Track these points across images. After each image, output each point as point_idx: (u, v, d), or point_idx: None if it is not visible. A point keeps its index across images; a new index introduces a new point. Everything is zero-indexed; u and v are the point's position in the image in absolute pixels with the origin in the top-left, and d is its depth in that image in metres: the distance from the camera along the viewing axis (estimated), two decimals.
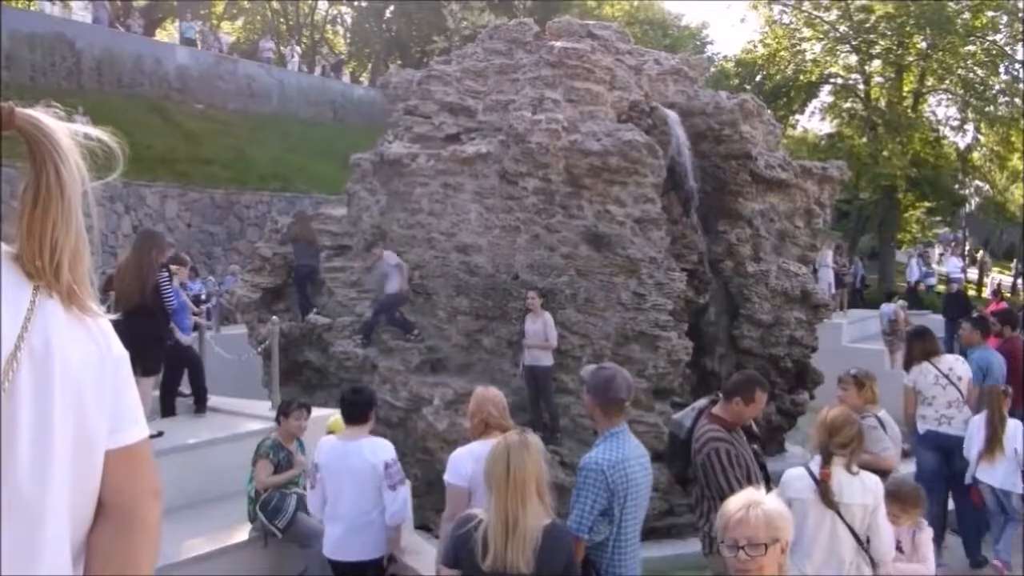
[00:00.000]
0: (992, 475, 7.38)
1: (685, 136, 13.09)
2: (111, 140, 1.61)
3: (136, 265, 7.14)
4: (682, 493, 7.48)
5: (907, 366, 8.35)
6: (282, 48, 39.81)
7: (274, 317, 10.84)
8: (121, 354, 1.65)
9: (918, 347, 8.05)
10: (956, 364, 7.88)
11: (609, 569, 4.07)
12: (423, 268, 12.13)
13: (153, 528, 1.68)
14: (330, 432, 7.33)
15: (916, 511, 5.06)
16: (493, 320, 11.73)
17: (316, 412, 8.32)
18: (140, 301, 7.02)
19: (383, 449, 5.49)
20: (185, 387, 8.71)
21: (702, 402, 5.42)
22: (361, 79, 43.03)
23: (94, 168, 1.60)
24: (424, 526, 10.27)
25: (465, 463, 4.95)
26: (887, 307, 19.51)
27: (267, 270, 14.13)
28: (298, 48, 39.70)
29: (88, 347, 1.58)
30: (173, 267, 9.13)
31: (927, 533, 4.98)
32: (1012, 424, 7.30)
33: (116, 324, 1.67)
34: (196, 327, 10.02)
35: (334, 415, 7.83)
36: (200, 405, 8.51)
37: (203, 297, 17.19)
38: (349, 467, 5.38)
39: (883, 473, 6.10)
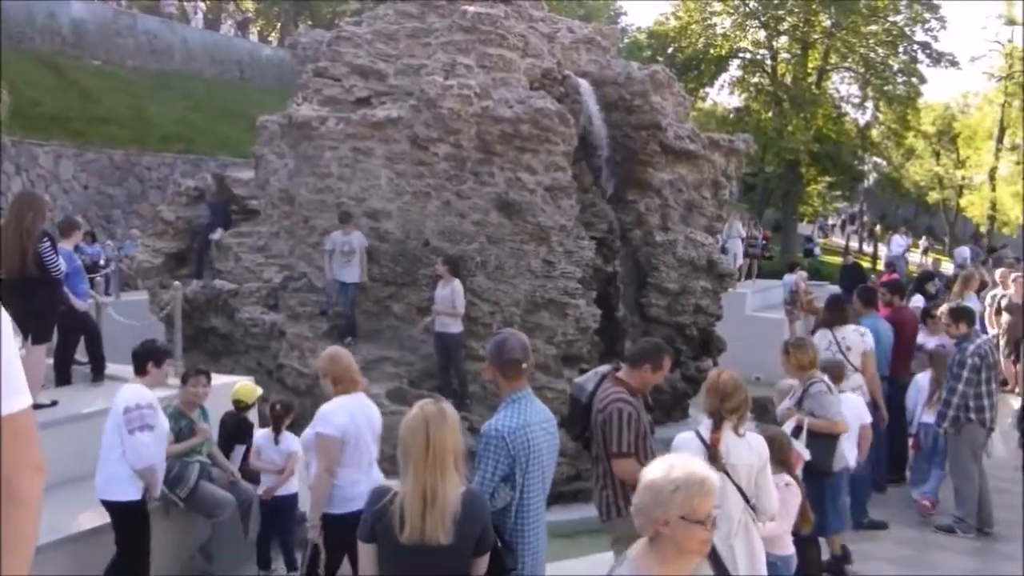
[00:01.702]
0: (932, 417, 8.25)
1: (597, 105, 13.18)
2: None
3: (15, 233, 6.72)
4: (589, 458, 7.63)
5: (814, 331, 8.77)
6: (185, 3, 38.30)
7: (176, 282, 10.56)
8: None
9: (826, 315, 8.42)
10: (850, 334, 8.22)
11: (513, 534, 4.10)
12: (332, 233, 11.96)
13: (34, 504, 1.62)
14: (235, 400, 7.21)
15: (780, 455, 5.22)
16: (403, 287, 11.68)
17: (221, 379, 8.16)
18: (23, 269, 6.67)
19: (131, 395, 5.64)
20: (82, 355, 8.39)
21: (604, 368, 5.50)
22: (270, 39, 41.82)
23: None
24: None
25: (336, 414, 5.18)
26: (788, 277, 20.12)
27: (170, 234, 13.71)
28: (202, 4, 38.28)
29: None
30: (69, 232, 8.77)
31: (786, 492, 5.19)
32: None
33: (3, 292, 1.60)
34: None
35: (239, 382, 7.70)
36: (97, 373, 8.21)
37: (101, 262, 16.61)
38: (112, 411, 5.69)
39: (834, 438, 6.36)
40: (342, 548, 5.12)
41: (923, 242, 43.64)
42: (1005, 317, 12.03)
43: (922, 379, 8.72)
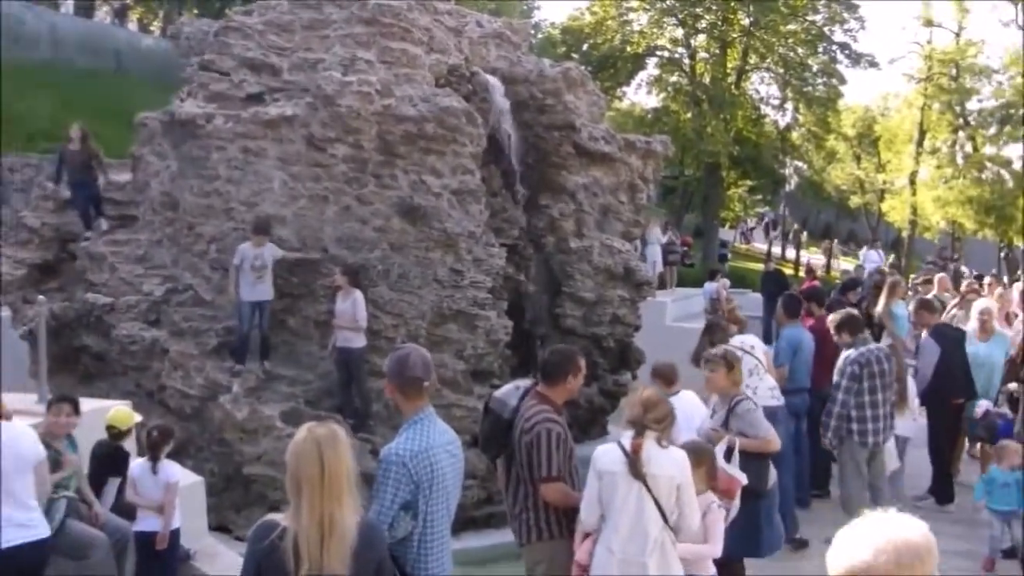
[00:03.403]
0: (899, 424, 8.68)
1: (507, 104, 13.25)
2: None
3: None
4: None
5: (696, 360, 8.99)
6: None
7: (41, 297, 10.13)
8: None
9: (706, 338, 8.69)
10: (746, 338, 8.56)
11: (416, 566, 4.07)
12: (220, 241, 11.70)
13: None
14: (109, 426, 6.95)
15: (703, 468, 5.34)
16: (299, 299, 11.51)
17: (94, 404, 7.88)
18: None
19: None
20: None
21: (524, 382, 5.53)
22: (151, 27, 40.75)
23: None
24: (223, 527, 10.00)
25: None
26: (709, 285, 20.55)
27: (35, 243, 13.18)
28: None
29: None
30: None
31: (716, 514, 5.31)
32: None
33: None
34: None
35: (115, 407, 7.44)
36: None
37: None
38: None
39: (766, 457, 6.44)
40: None
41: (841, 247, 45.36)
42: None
43: None
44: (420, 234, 11.41)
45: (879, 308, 12.08)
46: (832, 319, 8.58)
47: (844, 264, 38.47)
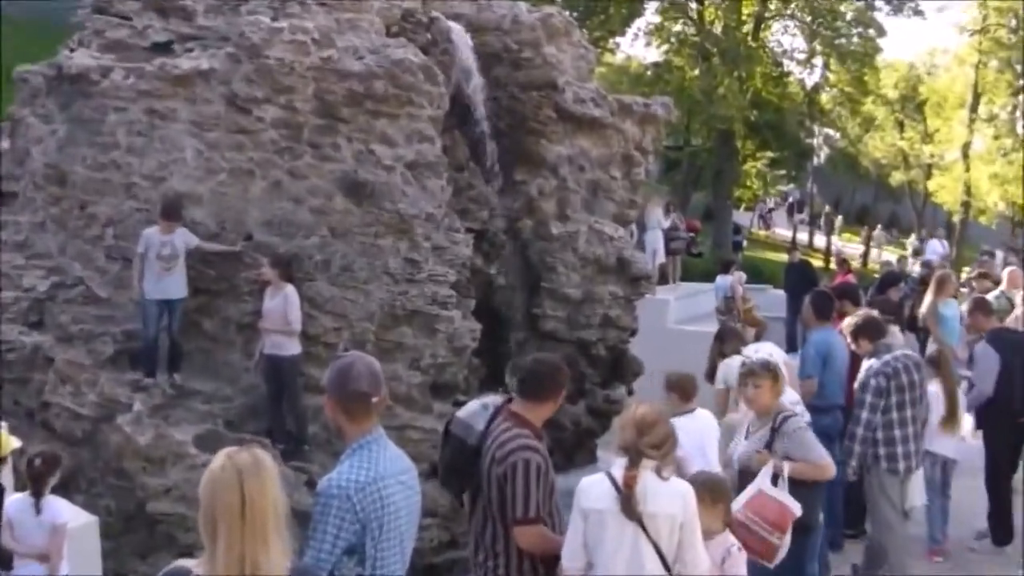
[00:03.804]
0: (946, 445, 9.00)
1: (474, 58, 13.22)
2: None
3: None
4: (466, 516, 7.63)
5: (711, 375, 9.06)
6: None
7: None
8: None
9: (718, 348, 8.76)
10: (762, 347, 8.60)
11: None
12: (119, 224, 11.60)
13: None
14: None
15: (720, 506, 5.38)
16: (217, 296, 11.43)
17: None
18: None
19: None
20: None
21: (494, 398, 5.52)
22: None
23: None
24: (121, 575, 9.94)
25: None
26: (723, 280, 20.67)
27: None
28: None
29: None
30: None
31: (737, 559, 5.32)
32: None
33: None
34: None
35: None
36: None
37: None
38: None
39: (820, 485, 6.53)
40: None
41: (883, 235, 45.67)
42: None
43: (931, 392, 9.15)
44: (367, 216, 11.35)
45: (924, 308, 12.19)
46: (847, 323, 8.65)
47: (888, 255, 38.71)
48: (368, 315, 11.22)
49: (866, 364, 8.23)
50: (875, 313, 9.02)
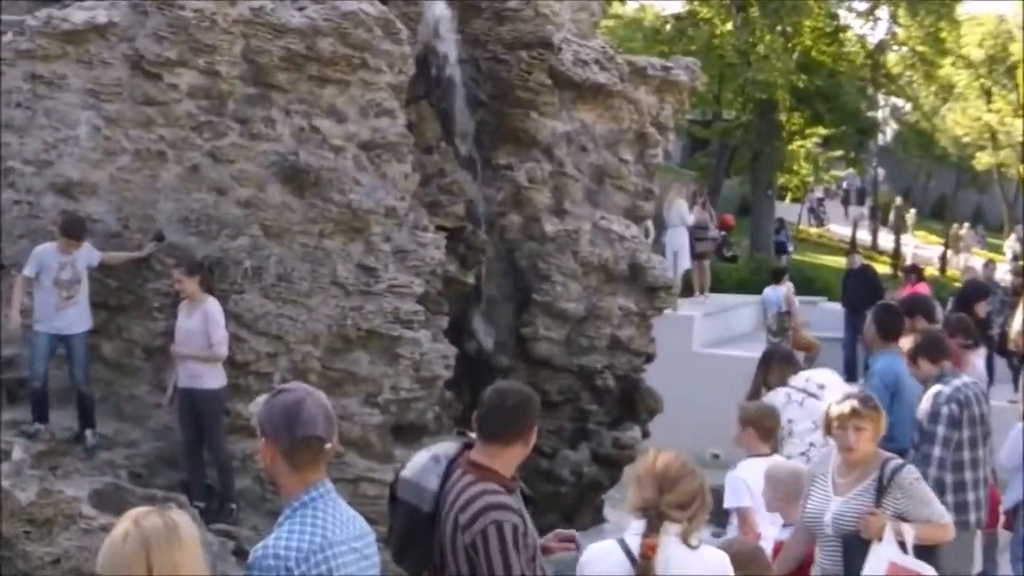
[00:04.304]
0: None
1: (447, 8, 13.27)
2: None
3: None
4: None
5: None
6: None
7: None
8: None
9: (762, 375, 8.89)
10: (816, 373, 8.66)
11: None
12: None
13: None
14: None
15: None
16: (119, 312, 11.45)
17: None
18: None
19: None
20: None
21: (445, 447, 5.49)
22: None
23: None
24: None
25: None
26: (774, 291, 20.72)
27: None
28: None
29: None
30: None
31: None
32: None
33: None
34: None
35: None
36: None
37: None
38: None
39: (939, 550, 6.56)
40: None
41: (970, 233, 45.77)
42: None
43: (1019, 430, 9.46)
44: (311, 211, 11.38)
45: (1017, 326, 12.25)
46: (905, 343, 8.70)
47: (976, 261, 38.72)
48: (312, 337, 11.22)
49: (932, 390, 8.26)
50: (938, 331, 9.10)
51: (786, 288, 20.49)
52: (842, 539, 6.42)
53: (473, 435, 5.34)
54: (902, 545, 6.19)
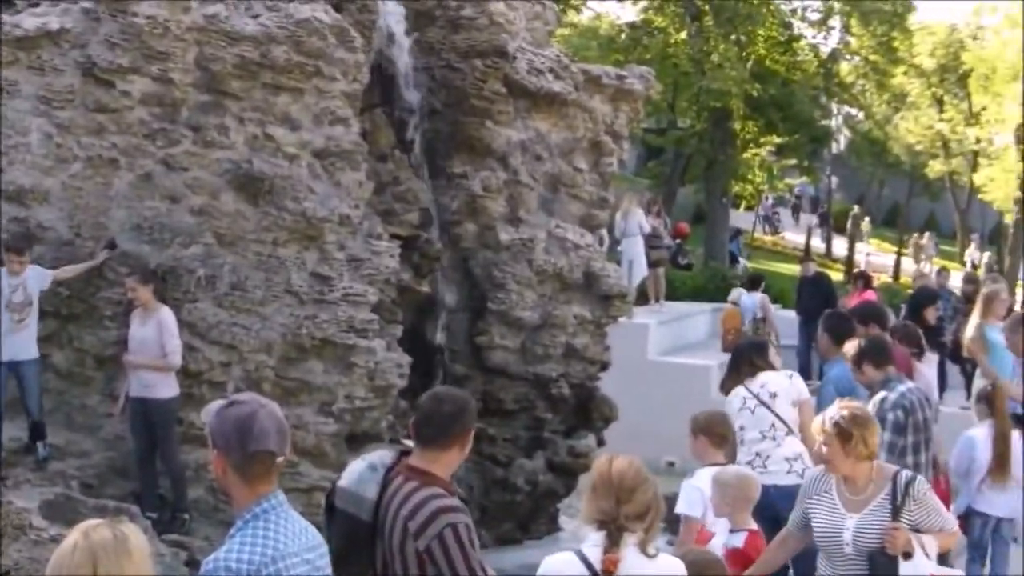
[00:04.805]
0: (995, 503, 9.25)
1: (402, 17, 13.28)
2: None
3: None
4: None
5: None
6: None
7: None
8: None
9: (735, 372, 8.91)
10: (774, 378, 8.68)
11: None
12: None
13: None
14: None
15: None
16: (70, 321, 11.36)
17: None
18: None
19: None
20: None
21: (381, 455, 5.50)
22: None
23: None
24: None
25: None
26: (749, 298, 20.89)
27: None
28: None
29: None
30: None
31: None
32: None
33: None
34: None
35: None
36: None
37: None
38: None
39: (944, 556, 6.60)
40: None
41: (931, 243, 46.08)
42: None
43: (974, 437, 9.56)
44: (264, 219, 11.35)
45: (968, 333, 12.32)
46: (849, 348, 8.75)
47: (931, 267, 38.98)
48: (265, 346, 11.19)
49: (877, 397, 8.29)
50: (883, 336, 9.16)
51: (761, 297, 20.68)
52: (868, 557, 6.29)
53: (409, 442, 5.38)
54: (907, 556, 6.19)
